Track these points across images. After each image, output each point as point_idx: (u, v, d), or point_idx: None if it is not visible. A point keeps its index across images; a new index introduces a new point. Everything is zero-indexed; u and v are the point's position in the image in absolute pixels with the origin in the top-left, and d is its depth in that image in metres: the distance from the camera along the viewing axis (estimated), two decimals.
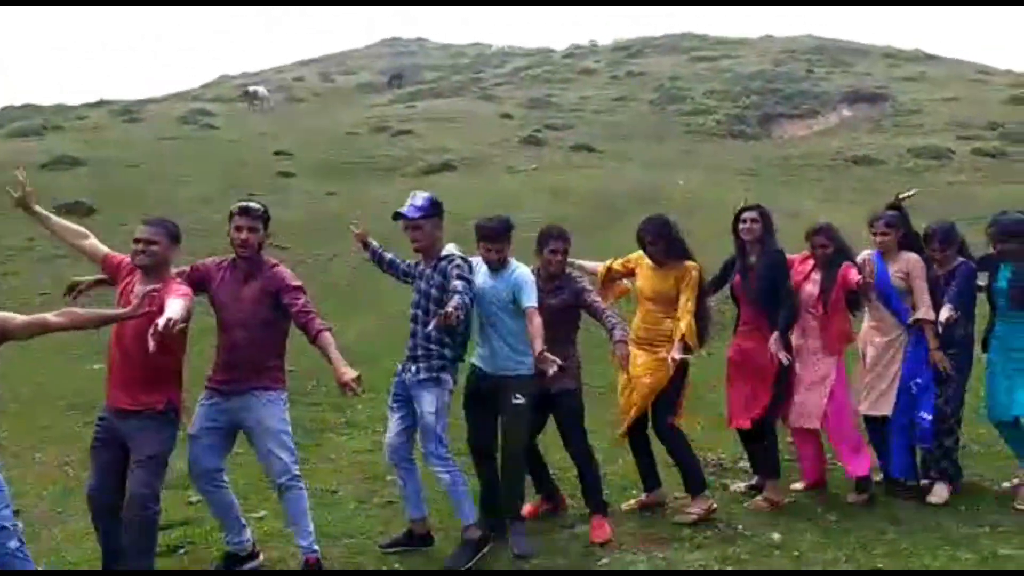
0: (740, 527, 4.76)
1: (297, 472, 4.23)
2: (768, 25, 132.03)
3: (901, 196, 5.45)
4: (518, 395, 4.57)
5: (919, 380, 5.06)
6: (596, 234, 10.59)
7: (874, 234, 5.21)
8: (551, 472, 5.21)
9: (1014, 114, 25.24)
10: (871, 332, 5.27)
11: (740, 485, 5.42)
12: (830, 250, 5.08)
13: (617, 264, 5.21)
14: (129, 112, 27.89)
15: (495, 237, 4.57)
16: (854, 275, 4.96)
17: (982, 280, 5.03)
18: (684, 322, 4.79)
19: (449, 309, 4.00)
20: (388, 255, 5.02)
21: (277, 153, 19.92)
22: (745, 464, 5.67)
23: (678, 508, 5.00)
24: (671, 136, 24.54)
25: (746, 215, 5.09)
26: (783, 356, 4.89)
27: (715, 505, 4.91)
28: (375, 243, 5.10)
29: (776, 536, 4.61)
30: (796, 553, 4.41)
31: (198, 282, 4.21)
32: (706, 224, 9.74)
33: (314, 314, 4.11)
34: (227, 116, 27.53)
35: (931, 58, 36.14)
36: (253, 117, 27.80)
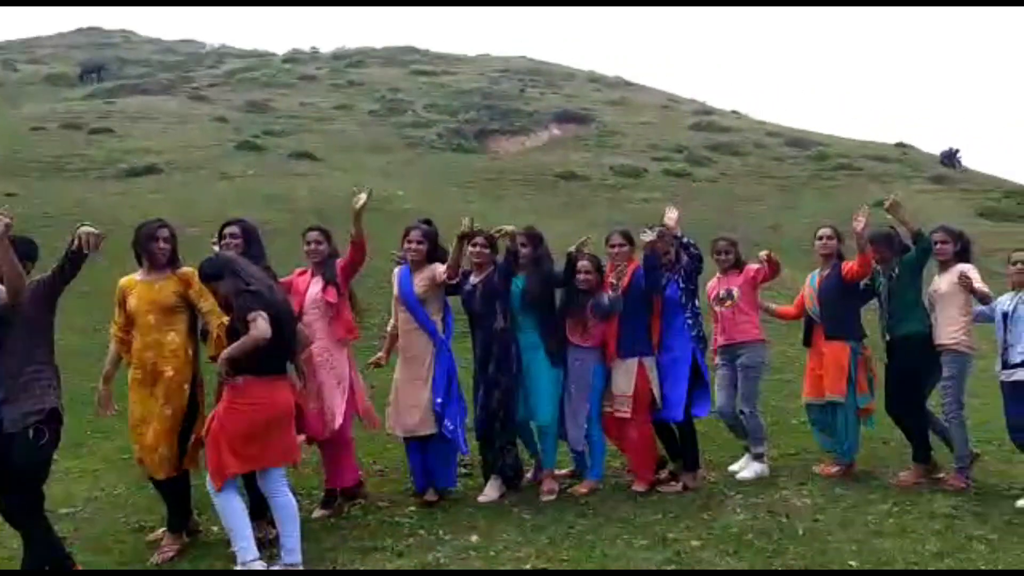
0: (441, 532, 4.83)
1: None
2: (485, 44, 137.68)
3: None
4: None
5: (439, 399, 5.23)
6: None
7: (408, 243, 5.36)
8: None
9: (697, 139, 28.34)
10: (412, 339, 5.35)
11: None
12: (324, 247, 5.25)
13: (119, 322, 4.69)
14: None
15: None
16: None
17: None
18: (215, 327, 4.47)
19: None
20: None
21: None
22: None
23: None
24: (392, 147, 24.71)
25: (227, 231, 5.03)
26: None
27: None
28: None
29: (475, 538, 4.72)
30: (492, 553, 4.54)
31: None
32: None
33: None
34: None
35: (630, 85, 39.56)
36: None
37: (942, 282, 5.58)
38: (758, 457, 5.80)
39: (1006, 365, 5.25)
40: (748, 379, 5.76)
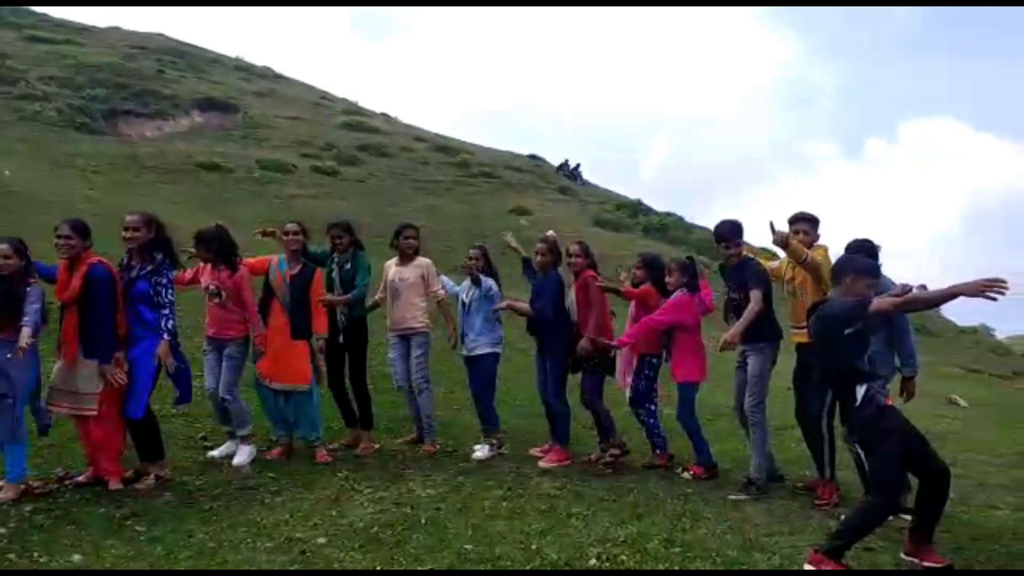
0: (36, 554, 4.29)
1: None
2: (116, 17, 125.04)
3: None
4: None
5: None
6: None
7: None
8: None
9: (347, 138, 28.48)
10: None
11: None
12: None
13: None
14: None
15: None
16: None
17: None
18: None
19: None
20: None
21: None
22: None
23: None
24: None
25: None
26: None
27: None
28: None
29: (77, 558, 4.26)
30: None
31: None
32: (34, 220, 8.80)
33: None
34: None
35: (281, 77, 38.63)
36: None
37: (407, 272, 6.51)
38: (245, 439, 6.10)
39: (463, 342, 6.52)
40: (230, 368, 6.08)
